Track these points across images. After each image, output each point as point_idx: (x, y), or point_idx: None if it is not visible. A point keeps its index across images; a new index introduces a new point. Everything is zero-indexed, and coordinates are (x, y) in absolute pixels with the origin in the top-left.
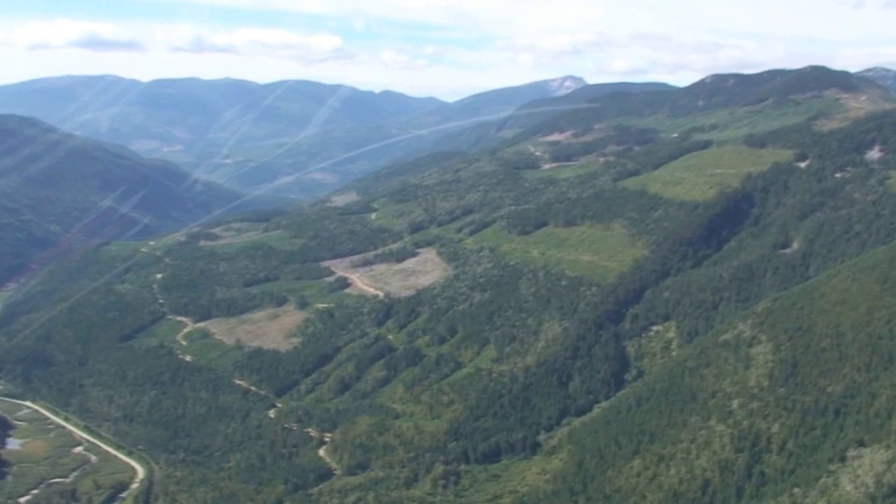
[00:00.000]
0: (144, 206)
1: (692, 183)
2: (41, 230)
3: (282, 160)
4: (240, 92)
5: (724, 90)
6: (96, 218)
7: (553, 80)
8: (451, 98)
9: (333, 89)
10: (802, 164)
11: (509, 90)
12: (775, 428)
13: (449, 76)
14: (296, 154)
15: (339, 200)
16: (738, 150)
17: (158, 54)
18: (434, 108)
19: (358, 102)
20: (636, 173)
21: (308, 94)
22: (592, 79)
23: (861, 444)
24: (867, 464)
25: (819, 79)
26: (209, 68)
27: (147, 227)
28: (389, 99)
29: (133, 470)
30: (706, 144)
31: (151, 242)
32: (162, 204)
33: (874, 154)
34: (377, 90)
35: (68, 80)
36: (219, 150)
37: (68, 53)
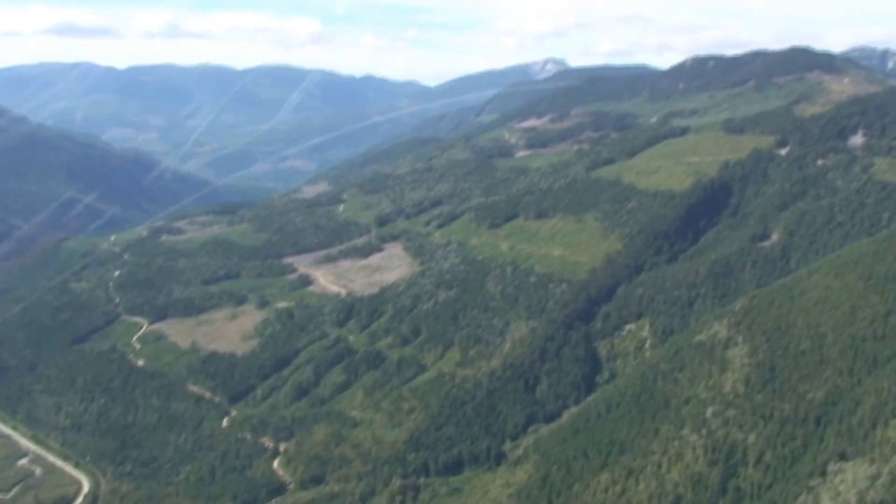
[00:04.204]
0: (112, 198)
1: (668, 172)
2: (3, 224)
3: (258, 147)
4: (217, 78)
5: (705, 73)
6: (61, 211)
7: (535, 63)
8: (433, 82)
9: (313, 75)
10: (783, 151)
11: (491, 74)
12: (752, 438)
13: (431, 60)
14: (273, 141)
15: (310, 191)
16: (717, 136)
17: (134, 41)
18: (415, 93)
19: (338, 87)
20: (611, 162)
21: (287, 79)
22: (576, 61)
23: (843, 456)
24: (849, 479)
25: (801, 60)
26: (186, 54)
27: (113, 219)
28: (370, 84)
29: (78, 483)
30: (683, 131)
31: (112, 237)
32: (131, 195)
33: (857, 140)
34: (358, 75)
35: (42, 68)
36: (195, 137)
37: (42, 41)
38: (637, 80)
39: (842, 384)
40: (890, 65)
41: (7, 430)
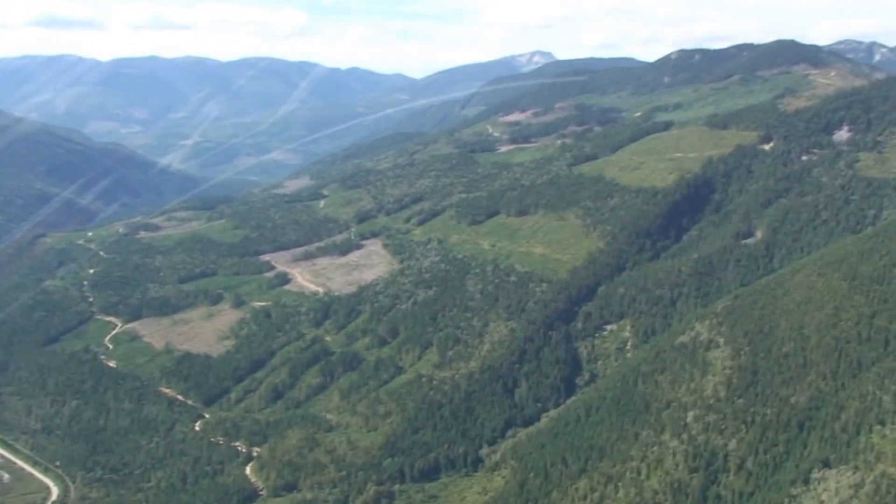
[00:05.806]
0: (93, 193)
1: (651, 168)
2: None
3: (243, 141)
4: (202, 70)
5: (690, 66)
6: (40, 206)
7: (522, 56)
8: (419, 74)
9: (299, 67)
10: (767, 147)
11: (477, 66)
12: (733, 444)
13: (418, 51)
14: (258, 134)
15: (292, 186)
16: (700, 131)
17: (118, 33)
18: (402, 85)
19: (324, 80)
20: (593, 157)
21: (272, 71)
22: (563, 54)
23: (826, 464)
24: (832, 488)
25: (787, 53)
26: (170, 47)
27: (93, 214)
28: (357, 76)
29: (47, 490)
30: (667, 126)
31: (89, 234)
32: (112, 190)
33: (842, 135)
34: (344, 67)
35: (25, 61)
36: (179, 130)
37: (25, 33)
38: (622, 73)
39: (825, 388)
40: (877, 57)
41: None
